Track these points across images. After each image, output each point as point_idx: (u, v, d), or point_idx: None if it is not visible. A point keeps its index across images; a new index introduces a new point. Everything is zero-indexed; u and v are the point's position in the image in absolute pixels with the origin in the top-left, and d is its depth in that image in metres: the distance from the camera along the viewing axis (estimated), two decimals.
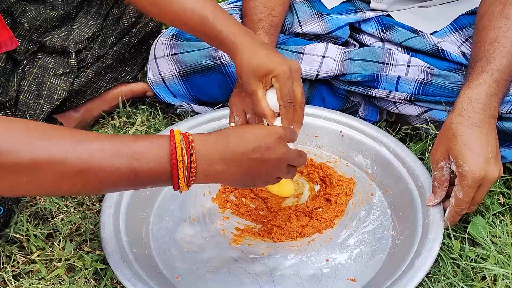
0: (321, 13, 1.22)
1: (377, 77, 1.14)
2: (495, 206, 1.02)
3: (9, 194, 0.80)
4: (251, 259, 0.95)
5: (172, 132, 0.74)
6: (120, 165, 0.69)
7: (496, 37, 1.01)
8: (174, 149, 0.72)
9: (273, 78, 0.89)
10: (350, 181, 1.09)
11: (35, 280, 0.94)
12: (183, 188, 0.74)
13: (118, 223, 0.95)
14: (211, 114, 1.17)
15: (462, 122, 0.94)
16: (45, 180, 0.67)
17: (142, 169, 0.71)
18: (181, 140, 0.73)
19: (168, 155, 0.72)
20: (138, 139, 0.72)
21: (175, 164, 0.72)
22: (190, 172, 0.73)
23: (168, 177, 0.73)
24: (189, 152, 0.73)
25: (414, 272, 0.85)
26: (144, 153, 0.71)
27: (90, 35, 1.19)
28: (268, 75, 0.89)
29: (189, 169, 0.73)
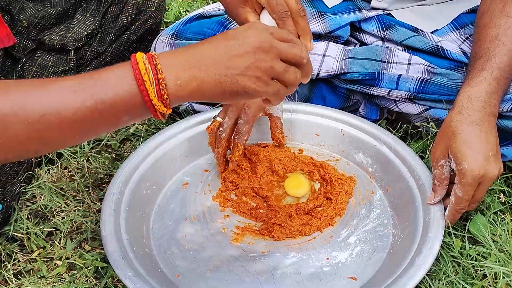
0: (321, 13, 1.21)
1: (378, 75, 1.14)
2: (496, 204, 1.02)
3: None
4: (252, 257, 0.95)
5: (133, 55, 0.67)
6: (84, 99, 0.64)
7: (496, 35, 1.01)
8: (136, 64, 0.65)
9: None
10: (351, 180, 1.09)
11: (36, 279, 0.94)
12: (160, 107, 0.66)
13: (118, 222, 0.95)
14: (212, 112, 1.17)
15: (461, 120, 0.94)
16: (12, 132, 0.64)
17: (108, 97, 0.65)
18: (143, 56, 0.66)
19: (131, 73, 0.65)
20: (99, 70, 0.67)
21: (140, 79, 0.65)
22: (159, 84, 0.65)
23: (139, 99, 0.66)
24: (153, 64, 0.66)
25: (415, 270, 0.85)
26: (106, 80, 0.65)
27: (89, 32, 1.18)
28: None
29: (157, 81, 0.65)
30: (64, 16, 1.21)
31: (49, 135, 0.66)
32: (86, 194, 1.08)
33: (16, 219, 1.02)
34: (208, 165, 1.14)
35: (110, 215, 0.95)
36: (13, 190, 1.03)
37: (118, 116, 0.67)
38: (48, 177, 1.11)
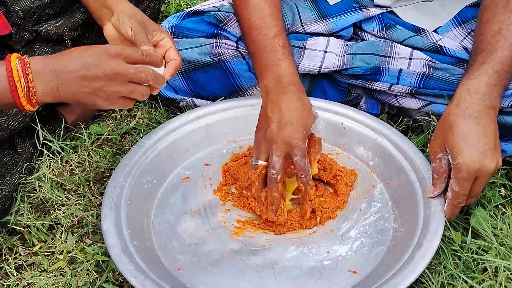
0: (324, 16, 1.20)
1: (379, 70, 1.14)
2: (497, 198, 1.02)
3: None
4: (252, 251, 0.95)
5: (8, 57, 0.78)
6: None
7: (499, 30, 1.00)
8: (10, 72, 0.77)
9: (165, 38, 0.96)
10: (352, 173, 1.08)
11: (37, 272, 0.94)
12: (28, 107, 0.80)
13: (119, 216, 0.95)
14: (213, 107, 1.17)
15: (459, 113, 0.93)
16: None
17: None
18: (17, 62, 0.78)
19: (5, 78, 0.78)
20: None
21: (13, 86, 0.78)
22: (29, 91, 0.79)
23: (10, 99, 0.79)
24: (25, 73, 0.78)
25: (415, 264, 0.85)
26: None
27: (84, 20, 1.17)
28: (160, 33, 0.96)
29: (28, 88, 0.79)
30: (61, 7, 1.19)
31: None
32: (87, 188, 1.09)
33: (17, 210, 1.02)
34: (209, 159, 1.14)
35: (110, 209, 0.95)
36: (12, 181, 1.03)
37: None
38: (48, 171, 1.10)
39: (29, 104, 0.80)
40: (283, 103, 0.98)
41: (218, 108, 1.16)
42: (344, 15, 1.20)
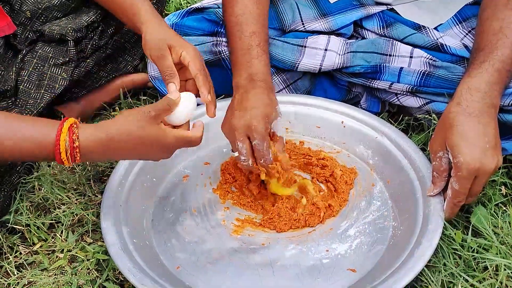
0: (324, 14, 1.20)
1: (380, 68, 1.14)
2: (497, 196, 1.02)
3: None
4: (252, 249, 0.95)
5: (59, 133, 0.79)
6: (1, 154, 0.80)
7: (500, 28, 1.00)
8: (59, 154, 0.79)
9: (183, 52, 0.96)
10: (351, 171, 1.08)
11: (38, 271, 0.95)
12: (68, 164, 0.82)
13: (118, 214, 0.95)
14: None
15: (459, 112, 0.93)
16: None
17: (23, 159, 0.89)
18: (67, 142, 0.79)
19: (52, 154, 0.80)
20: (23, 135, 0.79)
21: (60, 160, 0.80)
22: (74, 162, 0.82)
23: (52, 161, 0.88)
24: (73, 156, 0.80)
25: (414, 262, 0.85)
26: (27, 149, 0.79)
27: (89, 23, 1.18)
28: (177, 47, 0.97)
29: (73, 160, 0.81)
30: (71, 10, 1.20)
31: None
32: (87, 187, 1.09)
33: (17, 209, 1.02)
34: (209, 157, 1.14)
35: (110, 208, 0.95)
36: (11, 180, 1.04)
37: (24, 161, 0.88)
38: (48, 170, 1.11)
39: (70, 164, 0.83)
40: (250, 96, 1.01)
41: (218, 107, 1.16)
42: (344, 13, 1.20)
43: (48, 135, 0.79)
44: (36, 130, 0.80)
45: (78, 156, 0.80)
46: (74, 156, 0.80)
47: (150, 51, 0.98)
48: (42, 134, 0.80)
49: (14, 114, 0.84)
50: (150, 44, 0.98)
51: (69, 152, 0.80)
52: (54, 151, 0.79)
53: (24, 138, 0.79)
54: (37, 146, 0.79)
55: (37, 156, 0.81)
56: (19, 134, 0.79)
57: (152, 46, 0.98)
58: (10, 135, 0.79)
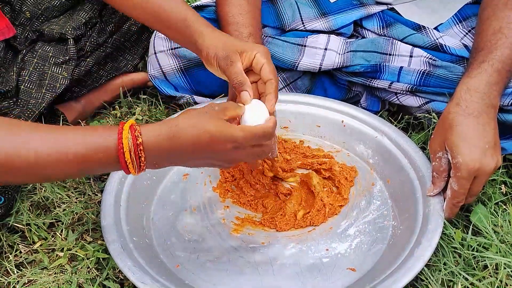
0: (324, 14, 1.20)
1: (380, 67, 1.14)
2: (497, 195, 1.02)
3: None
4: (251, 248, 0.95)
5: (120, 131, 0.74)
6: (68, 169, 0.74)
7: (499, 28, 1.00)
8: (123, 154, 0.73)
9: (257, 54, 0.89)
10: (352, 169, 1.08)
11: (38, 270, 0.95)
12: (134, 174, 0.78)
13: (119, 212, 0.95)
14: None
15: (459, 112, 0.93)
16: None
17: (90, 170, 0.78)
18: (130, 140, 0.74)
19: (116, 158, 0.74)
20: (85, 142, 0.73)
21: (124, 163, 0.75)
22: (139, 167, 0.76)
23: (119, 168, 0.76)
24: (137, 155, 0.74)
25: (414, 262, 0.85)
26: (92, 158, 0.73)
27: (87, 20, 1.18)
28: (249, 51, 0.89)
29: (139, 165, 0.76)
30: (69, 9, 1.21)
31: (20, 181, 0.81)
32: (87, 185, 1.09)
33: (18, 210, 1.03)
34: None
35: (110, 206, 0.96)
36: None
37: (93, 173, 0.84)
38: None
39: (137, 173, 0.77)
40: None
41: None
42: (344, 13, 1.20)
43: (110, 135, 0.73)
44: (97, 134, 0.74)
45: (142, 155, 0.74)
46: (139, 156, 0.74)
47: (218, 61, 0.91)
48: (103, 137, 0.73)
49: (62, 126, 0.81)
50: (217, 54, 0.91)
51: (133, 151, 0.73)
52: (118, 152, 0.73)
53: (86, 146, 0.73)
54: (100, 151, 0.73)
55: (102, 162, 0.74)
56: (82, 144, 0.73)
57: (219, 55, 0.91)
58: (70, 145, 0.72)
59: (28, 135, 0.72)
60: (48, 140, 0.72)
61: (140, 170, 0.77)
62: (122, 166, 0.74)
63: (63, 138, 0.73)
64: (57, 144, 0.72)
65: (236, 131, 0.77)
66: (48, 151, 0.71)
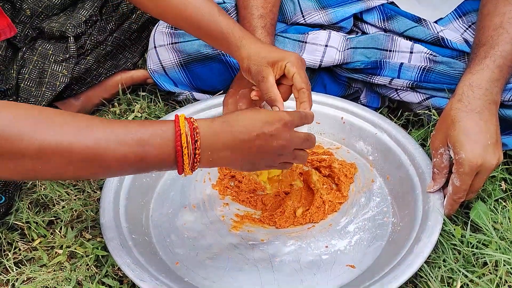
0: (324, 7, 1.20)
1: (380, 64, 1.13)
2: (497, 192, 1.01)
3: (11, 178, 0.81)
4: (251, 245, 0.95)
5: (176, 117, 0.74)
6: (125, 153, 0.70)
7: (500, 23, 0.99)
8: (179, 136, 0.72)
9: (287, 63, 0.88)
10: (351, 166, 1.08)
11: (37, 267, 0.94)
12: (187, 173, 0.75)
13: (118, 210, 0.95)
14: (212, 100, 1.17)
15: (461, 108, 0.93)
16: (50, 166, 0.68)
17: (147, 156, 0.72)
18: (186, 126, 0.73)
19: (173, 142, 0.72)
20: (143, 125, 0.72)
21: (180, 151, 0.72)
22: (194, 158, 0.74)
23: (173, 163, 0.74)
24: (193, 139, 0.73)
25: (413, 258, 0.85)
26: (149, 140, 0.71)
27: (87, 18, 1.18)
28: (280, 61, 0.89)
29: (194, 155, 0.74)
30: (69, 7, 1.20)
31: (84, 173, 0.73)
32: (86, 182, 1.09)
33: (17, 208, 1.03)
34: None
35: (109, 203, 0.95)
36: (14, 181, 1.03)
37: (149, 170, 0.75)
38: None
39: (191, 169, 0.75)
40: None
41: (217, 102, 1.16)
42: (344, 6, 1.20)
43: (166, 123, 0.73)
44: (155, 122, 0.74)
45: (198, 138, 0.72)
46: (195, 139, 0.72)
47: (252, 75, 0.91)
48: (160, 123, 0.73)
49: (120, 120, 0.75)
50: (250, 68, 0.91)
51: (189, 134, 0.72)
52: (175, 134, 0.71)
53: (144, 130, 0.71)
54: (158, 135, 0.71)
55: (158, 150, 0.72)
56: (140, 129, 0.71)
57: (252, 70, 0.90)
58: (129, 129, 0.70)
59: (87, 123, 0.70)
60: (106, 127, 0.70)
61: (195, 162, 0.74)
62: (178, 154, 0.72)
63: (121, 125, 0.71)
64: (115, 131, 0.70)
65: (284, 113, 0.80)
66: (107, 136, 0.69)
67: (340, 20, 1.18)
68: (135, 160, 0.71)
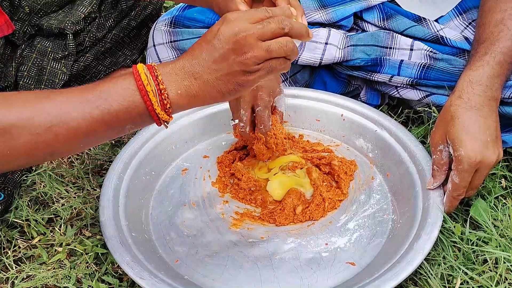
0: (324, 6, 1.19)
1: (380, 61, 1.13)
2: (497, 189, 1.01)
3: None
4: (250, 243, 0.95)
5: (134, 66, 0.71)
6: (90, 110, 0.68)
7: (501, 20, 0.99)
8: (139, 76, 0.69)
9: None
10: (351, 163, 1.08)
11: (36, 265, 0.94)
12: (163, 116, 0.71)
13: (117, 207, 0.95)
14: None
15: (461, 105, 0.92)
16: (18, 142, 0.67)
17: (113, 107, 0.69)
18: (144, 67, 0.70)
19: (134, 84, 0.69)
20: (102, 81, 0.71)
21: (144, 89, 0.69)
22: (161, 95, 0.69)
23: (143, 108, 0.70)
24: (154, 75, 0.69)
25: (413, 255, 0.85)
26: (110, 91, 0.69)
27: (86, 15, 1.17)
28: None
29: (159, 91, 0.69)
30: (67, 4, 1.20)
31: (56, 145, 0.69)
32: (86, 180, 1.09)
33: (17, 206, 1.02)
34: (208, 150, 1.13)
35: (109, 201, 0.95)
36: (14, 179, 1.03)
37: (122, 125, 0.71)
38: (48, 164, 1.11)
39: (163, 111, 0.70)
40: None
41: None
42: (344, 5, 1.19)
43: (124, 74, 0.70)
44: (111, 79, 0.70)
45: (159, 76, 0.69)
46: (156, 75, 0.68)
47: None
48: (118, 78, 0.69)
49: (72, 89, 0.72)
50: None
51: (149, 73, 0.68)
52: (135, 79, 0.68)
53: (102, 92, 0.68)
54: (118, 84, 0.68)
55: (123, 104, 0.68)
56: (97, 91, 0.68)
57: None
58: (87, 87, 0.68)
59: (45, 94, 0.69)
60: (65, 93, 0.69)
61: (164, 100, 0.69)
62: (142, 94, 0.68)
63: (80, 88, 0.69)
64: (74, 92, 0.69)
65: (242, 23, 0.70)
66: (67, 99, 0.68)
67: (340, 19, 1.18)
68: (100, 116, 0.68)
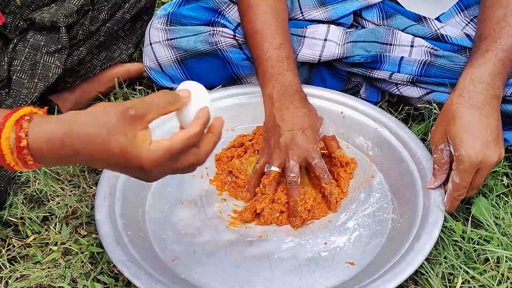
0: (324, 3, 1.18)
1: (380, 58, 1.12)
2: (499, 187, 1.00)
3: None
4: (248, 242, 0.94)
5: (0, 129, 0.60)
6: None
7: (503, 16, 0.98)
8: (3, 157, 0.60)
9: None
10: (351, 161, 1.07)
11: (31, 264, 0.93)
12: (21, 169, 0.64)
13: (113, 206, 0.94)
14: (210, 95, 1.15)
15: (462, 103, 0.91)
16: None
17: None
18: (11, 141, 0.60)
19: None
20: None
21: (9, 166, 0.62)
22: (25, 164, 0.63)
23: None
24: (23, 159, 0.61)
25: (414, 255, 0.84)
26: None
27: (79, 7, 1.15)
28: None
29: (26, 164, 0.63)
30: None
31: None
32: (81, 178, 1.07)
33: (11, 203, 1.01)
34: None
35: (104, 199, 0.94)
36: (7, 175, 1.02)
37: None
38: None
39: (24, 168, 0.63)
40: (292, 111, 1.01)
41: (214, 97, 1.14)
42: (344, 3, 1.18)
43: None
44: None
45: (29, 159, 0.60)
46: (25, 160, 0.60)
47: None
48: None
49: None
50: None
51: (15, 154, 0.60)
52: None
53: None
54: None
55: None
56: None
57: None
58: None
59: None
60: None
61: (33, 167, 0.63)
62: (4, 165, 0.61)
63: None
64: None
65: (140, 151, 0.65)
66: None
67: (340, 17, 1.17)
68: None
